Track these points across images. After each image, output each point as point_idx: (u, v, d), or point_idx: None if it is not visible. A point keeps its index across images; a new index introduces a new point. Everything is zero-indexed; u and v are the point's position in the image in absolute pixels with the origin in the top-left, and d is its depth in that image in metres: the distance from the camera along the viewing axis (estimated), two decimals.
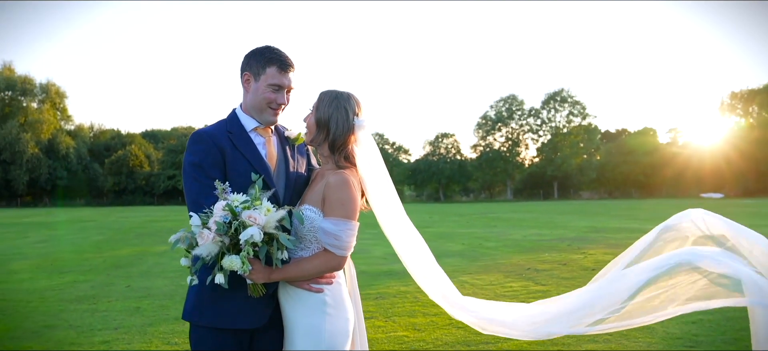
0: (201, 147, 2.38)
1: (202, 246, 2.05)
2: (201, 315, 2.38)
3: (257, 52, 2.48)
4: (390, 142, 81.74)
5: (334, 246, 2.33)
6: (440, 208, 50.22)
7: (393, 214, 2.54)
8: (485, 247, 14.76)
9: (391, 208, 2.53)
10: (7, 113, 65.19)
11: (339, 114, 2.42)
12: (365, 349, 2.59)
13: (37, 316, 7.17)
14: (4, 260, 13.02)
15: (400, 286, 9.07)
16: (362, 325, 2.59)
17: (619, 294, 2.47)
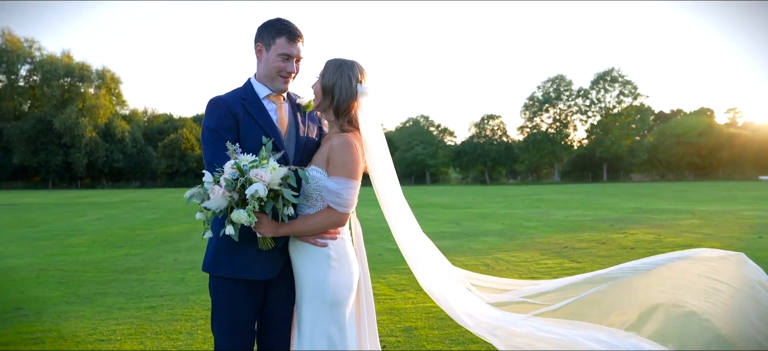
0: (217, 112, 2.58)
1: (213, 200, 2.26)
2: (218, 266, 2.60)
3: (268, 24, 2.66)
4: (435, 124, 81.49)
5: (336, 203, 2.50)
6: (484, 189, 49.93)
7: (385, 178, 2.69)
8: (525, 227, 14.72)
9: (388, 173, 2.68)
10: (67, 99, 68.01)
11: (343, 81, 2.58)
12: (371, 303, 2.75)
13: (91, 284, 7.65)
14: (64, 236, 13.78)
15: None
16: (368, 281, 2.75)
17: None
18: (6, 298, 6.85)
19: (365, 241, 8.18)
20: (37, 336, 5.17)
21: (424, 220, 17.38)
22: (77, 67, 68.98)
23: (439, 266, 2.81)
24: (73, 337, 5.14)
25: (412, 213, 2.89)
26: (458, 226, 15.19)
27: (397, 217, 2.72)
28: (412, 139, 76.40)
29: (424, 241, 2.82)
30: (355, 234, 2.78)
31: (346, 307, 2.55)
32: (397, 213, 2.72)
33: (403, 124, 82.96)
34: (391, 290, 7.09)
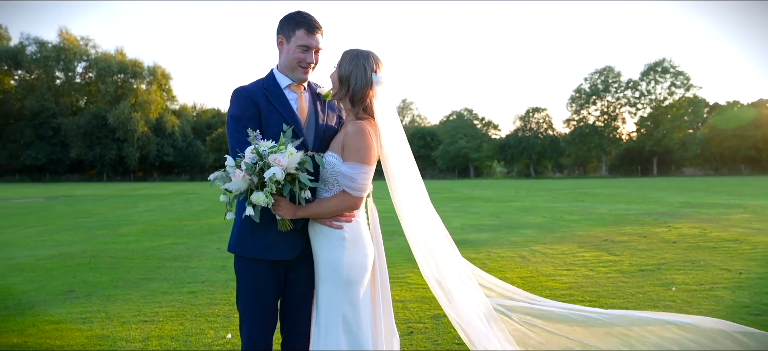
0: (240, 101, 2.73)
1: (234, 182, 2.41)
2: (242, 247, 2.76)
3: (289, 17, 2.79)
4: (479, 118, 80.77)
5: (350, 187, 2.62)
6: (529, 183, 49.30)
7: (401, 165, 2.76)
8: (566, 220, 14.55)
9: (400, 159, 2.76)
10: (120, 95, 70.41)
11: (358, 70, 2.69)
12: (386, 285, 2.85)
13: (138, 270, 8.01)
14: (116, 225, 14.39)
15: (470, 253, 9.25)
16: (383, 264, 2.85)
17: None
18: (60, 281, 7.26)
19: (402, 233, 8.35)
20: (86, 316, 5.49)
21: (465, 213, 17.38)
22: (130, 64, 71.27)
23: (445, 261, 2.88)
24: (119, 317, 5.43)
25: (432, 204, 2.95)
26: (498, 219, 15.13)
27: (407, 205, 2.80)
28: (456, 133, 75.95)
29: (435, 235, 2.88)
30: (372, 219, 2.89)
31: (360, 287, 2.66)
32: (406, 201, 2.80)
33: (447, 117, 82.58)
34: (423, 280, 7.17)
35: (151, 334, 4.86)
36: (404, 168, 2.79)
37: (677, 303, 5.75)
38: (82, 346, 4.58)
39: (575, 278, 7.12)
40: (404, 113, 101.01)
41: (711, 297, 5.99)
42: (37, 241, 11.29)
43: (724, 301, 5.84)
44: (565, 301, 5.89)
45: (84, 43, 71.58)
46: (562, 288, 6.56)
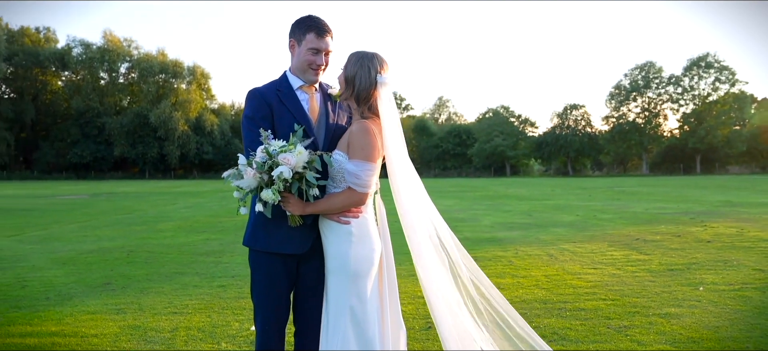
0: (253, 102, 2.87)
1: (245, 180, 2.55)
2: (256, 241, 2.90)
3: (300, 21, 2.91)
4: (515, 115, 79.88)
5: (355, 184, 2.73)
6: (565, 181, 48.59)
7: (399, 163, 2.84)
8: (598, 219, 14.36)
9: (398, 157, 2.84)
10: (161, 94, 72.18)
11: (363, 71, 2.79)
12: (393, 279, 2.94)
13: (172, 264, 8.29)
14: (155, 222, 14.85)
15: (497, 251, 9.27)
16: (391, 258, 2.93)
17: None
18: (98, 274, 7.57)
19: None
20: (120, 307, 5.75)
21: (496, 211, 17.31)
22: (171, 64, 72.99)
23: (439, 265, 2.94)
24: (150, 308, 5.67)
25: (432, 203, 3.02)
26: (530, 218, 15.03)
27: (405, 203, 2.88)
28: (492, 131, 75.32)
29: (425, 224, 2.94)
30: (379, 215, 2.98)
31: (367, 280, 2.76)
32: (406, 199, 2.87)
33: (483, 115, 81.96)
34: None
35: (179, 326, 5.06)
36: (405, 167, 2.87)
37: (703, 303, 5.68)
38: (115, 335, 4.80)
39: (601, 277, 7.07)
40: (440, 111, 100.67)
41: (739, 297, 5.89)
42: (80, 236, 11.75)
43: (752, 301, 5.74)
44: (588, 299, 5.90)
45: (127, 44, 73.61)
46: (586, 286, 6.53)
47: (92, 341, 4.64)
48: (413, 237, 2.88)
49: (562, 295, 6.13)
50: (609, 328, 4.90)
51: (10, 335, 4.83)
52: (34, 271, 7.87)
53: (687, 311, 5.38)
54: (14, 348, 4.51)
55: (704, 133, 68.30)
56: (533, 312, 5.46)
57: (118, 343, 4.61)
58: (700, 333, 4.73)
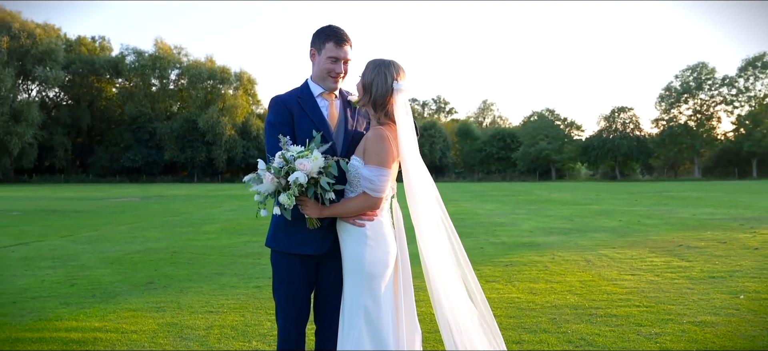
0: (275, 109, 3.01)
1: (264, 184, 2.68)
2: (276, 242, 3.03)
3: (320, 31, 3.02)
4: (561, 118, 78.51)
5: (369, 189, 2.81)
6: (611, 186, 47.49)
7: (414, 169, 2.90)
8: (642, 224, 14.04)
9: (413, 163, 2.90)
10: (210, 100, 74.05)
11: (379, 78, 2.87)
12: (409, 281, 3.00)
13: (212, 265, 8.56)
14: (200, 224, 15.30)
15: (533, 256, 9.20)
16: (406, 262, 2.99)
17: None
18: (142, 273, 7.89)
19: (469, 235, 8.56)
20: (160, 305, 5.99)
21: (537, 215, 17.12)
22: (219, 71, 74.84)
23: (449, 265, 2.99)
24: (188, 307, 5.89)
25: (444, 208, 3.07)
26: (571, 223, 14.81)
27: (419, 207, 2.93)
28: (537, 134, 74.29)
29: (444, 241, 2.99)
30: (396, 219, 3.05)
31: (381, 281, 2.84)
32: (420, 204, 2.93)
33: (528, 118, 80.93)
34: (480, 281, 7.18)
35: (213, 324, 5.25)
36: (419, 172, 2.94)
37: (741, 311, 5.53)
38: (153, 331, 5.03)
39: (638, 283, 6.95)
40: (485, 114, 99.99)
41: None
42: (128, 237, 12.22)
43: None
44: (621, 305, 5.82)
45: (177, 52, 75.85)
46: (622, 293, 6.43)
47: (131, 337, 4.87)
48: (427, 240, 2.94)
49: (595, 301, 6.06)
50: (639, 335, 4.83)
51: (57, 330, 5.11)
52: (83, 269, 8.25)
53: (723, 320, 5.25)
54: (60, 341, 4.77)
55: (760, 135, 65.54)
56: (563, 317, 5.42)
57: (156, 339, 4.82)
58: (734, 342, 4.62)
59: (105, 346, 4.65)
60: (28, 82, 69.76)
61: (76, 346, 4.63)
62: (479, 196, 30.97)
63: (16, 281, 7.41)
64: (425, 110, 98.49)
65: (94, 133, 76.28)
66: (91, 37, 78.33)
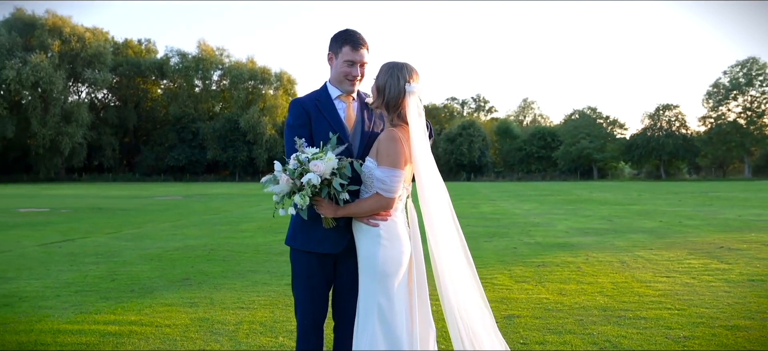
0: (294, 111, 3.11)
1: (279, 185, 2.77)
2: (295, 241, 3.13)
3: (337, 35, 3.11)
4: (603, 116, 76.87)
5: (382, 189, 2.87)
6: (655, 186, 46.27)
7: (425, 171, 2.95)
8: (683, 225, 13.69)
9: (425, 165, 2.95)
10: (251, 100, 75.35)
11: (392, 80, 2.93)
12: (423, 281, 3.04)
13: (247, 262, 8.76)
14: (238, 222, 15.63)
15: (566, 257, 9.10)
16: (421, 261, 3.03)
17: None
18: (179, 270, 8.14)
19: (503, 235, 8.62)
20: (194, 301, 6.19)
21: (574, 216, 16.87)
22: (259, 71, 76.09)
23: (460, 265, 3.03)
24: (221, 303, 6.07)
25: (453, 209, 3.10)
26: (609, 223, 14.56)
27: (431, 208, 2.97)
28: (578, 133, 72.93)
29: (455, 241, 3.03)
30: (411, 219, 3.11)
31: (394, 280, 2.90)
32: (431, 204, 2.97)
33: (569, 116, 79.53)
34: (510, 281, 7.23)
35: (243, 320, 5.40)
36: (431, 174, 2.98)
37: None
38: (185, 326, 5.21)
39: (672, 286, 6.81)
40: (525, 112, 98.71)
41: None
42: (169, 235, 12.59)
43: None
44: (652, 308, 5.73)
45: (219, 53, 77.42)
46: (654, 295, 6.32)
47: (164, 331, 5.06)
48: (439, 240, 2.98)
49: (625, 303, 5.98)
50: (667, 338, 4.76)
51: (96, 322, 5.34)
52: (124, 265, 8.57)
53: (757, 324, 5.11)
54: (98, 333, 4.99)
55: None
56: (590, 319, 5.37)
57: (187, 333, 4.99)
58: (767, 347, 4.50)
59: (139, 338, 4.84)
60: (78, 84, 72.35)
61: (113, 339, 4.84)
62: (517, 195, 30.66)
63: (61, 276, 7.74)
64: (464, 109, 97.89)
65: (140, 133, 78.56)
66: (137, 40, 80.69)
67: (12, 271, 8.13)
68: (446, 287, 2.95)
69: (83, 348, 4.62)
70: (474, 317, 2.98)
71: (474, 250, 9.90)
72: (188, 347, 4.63)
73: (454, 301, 2.94)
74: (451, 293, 2.95)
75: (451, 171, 74.12)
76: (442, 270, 2.96)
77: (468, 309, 2.97)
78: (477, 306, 3.03)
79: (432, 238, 2.98)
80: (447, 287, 2.95)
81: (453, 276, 2.97)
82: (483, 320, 3.03)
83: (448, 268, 2.96)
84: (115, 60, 72.85)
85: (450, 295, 2.95)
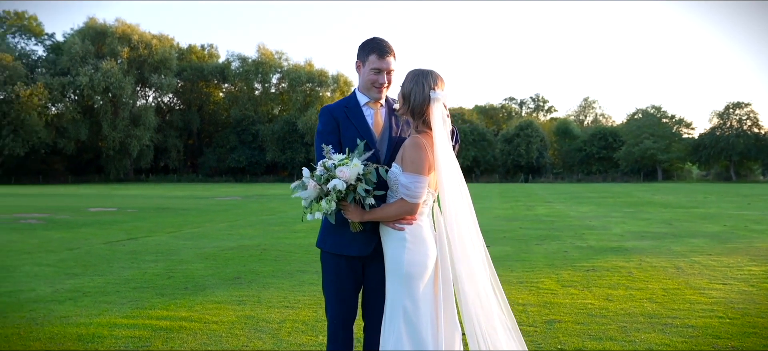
0: (323, 118, 3.22)
1: (307, 191, 2.89)
2: (325, 243, 3.24)
3: (364, 44, 3.20)
4: (668, 115, 73.91)
5: (406, 195, 2.94)
6: (724, 188, 44.17)
7: (448, 177, 2.98)
8: (749, 230, 13.08)
9: (447, 171, 2.98)
10: (308, 102, 76.64)
11: (417, 87, 2.99)
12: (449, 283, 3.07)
13: (296, 263, 8.99)
14: (292, 223, 16.00)
15: (619, 261, 8.88)
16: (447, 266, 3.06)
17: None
18: (232, 268, 8.44)
19: (555, 238, 8.60)
20: (242, 299, 6.42)
21: (632, 219, 16.38)
22: (317, 74, 77.34)
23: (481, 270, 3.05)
24: (267, 302, 6.27)
25: (475, 215, 3.12)
26: (668, 227, 14.06)
27: (452, 214, 3.00)
28: (641, 132, 70.38)
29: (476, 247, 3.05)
30: (437, 223, 3.16)
31: (419, 283, 2.96)
32: (451, 210, 3.00)
33: (631, 115, 76.90)
34: (557, 285, 7.13)
35: (287, 318, 5.58)
36: (454, 180, 3.02)
37: None
38: (231, 323, 5.42)
39: (727, 293, 6.56)
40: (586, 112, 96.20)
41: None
42: (225, 234, 13.03)
43: None
44: (701, 316, 5.55)
45: (278, 57, 79.14)
46: (706, 303, 6.11)
47: (212, 327, 5.29)
48: (460, 247, 3.01)
49: (674, 311, 5.80)
50: (714, 348, 4.61)
51: (149, 317, 5.63)
52: (181, 263, 8.95)
53: None
54: (150, 328, 5.27)
55: None
56: (634, 325, 5.26)
57: (233, 330, 5.20)
58: None
59: (187, 334, 5.08)
60: (145, 89, 75.49)
61: (163, 333, 5.10)
62: (574, 197, 29.96)
63: (122, 272, 8.17)
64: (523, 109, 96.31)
65: (203, 135, 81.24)
66: (200, 46, 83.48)
67: (79, 267, 8.64)
68: (467, 292, 2.98)
69: (135, 341, 4.89)
70: (494, 325, 3.01)
71: (523, 254, 9.81)
72: (232, 344, 4.82)
73: (471, 305, 2.97)
74: (469, 297, 2.98)
75: (508, 172, 73.00)
76: (462, 275, 2.99)
77: (486, 315, 3.00)
78: (496, 311, 3.05)
79: (453, 244, 3.02)
80: (468, 292, 2.98)
81: (475, 280, 3.01)
82: (503, 328, 3.05)
83: (468, 274, 3.00)
84: (179, 65, 75.60)
85: (468, 299, 2.98)
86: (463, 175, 3.11)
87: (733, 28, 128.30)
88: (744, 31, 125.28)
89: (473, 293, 2.99)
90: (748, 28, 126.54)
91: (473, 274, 3.01)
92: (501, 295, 3.14)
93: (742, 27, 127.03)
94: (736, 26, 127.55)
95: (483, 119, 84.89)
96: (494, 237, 12.18)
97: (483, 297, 3.02)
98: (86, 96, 65.51)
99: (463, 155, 72.48)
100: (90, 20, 70.19)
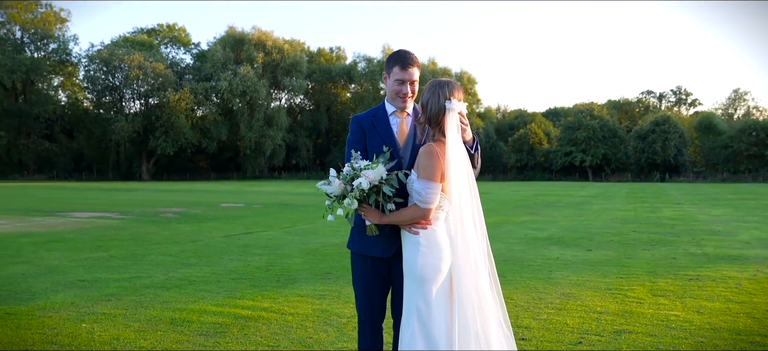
0: (353, 127, 3.46)
1: (331, 187, 3.14)
2: (352, 244, 3.46)
3: (390, 57, 3.37)
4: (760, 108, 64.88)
5: (419, 200, 3.06)
6: None
7: (458, 183, 3.05)
8: None
9: (458, 177, 3.06)
10: None
11: (433, 98, 3.12)
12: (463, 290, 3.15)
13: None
14: None
15: (730, 271, 8.21)
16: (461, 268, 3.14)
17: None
18: (326, 264, 8.88)
19: (669, 243, 8.35)
20: (323, 293, 6.78)
21: (761, 228, 14.85)
22: (440, 72, 77.53)
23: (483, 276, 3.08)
24: (345, 297, 6.56)
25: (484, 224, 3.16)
26: None
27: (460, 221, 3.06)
28: None
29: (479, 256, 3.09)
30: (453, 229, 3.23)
31: (433, 285, 3.06)
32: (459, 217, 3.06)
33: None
34: (647, 294, 6.77)
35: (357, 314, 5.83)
36: (464, 188, 3.08)
37: None
38: (305, 315, 5.80)
39: None
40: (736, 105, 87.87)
41: None
42: (333, 231, 13.62)
43: None
44: None
45: None
46: None
47: (287, 318, 5.69)
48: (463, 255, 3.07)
49: None
50: None
51: (236, 306, 6.16)
52: (282, 258, 9.58)
53: None
54: (233, 316, 5.78)
55: None
56: (712, 342, 4.91)
57: (304, 322, 5.57)
58: None
59: (263, 323, 5.52)
60: (278, 91, 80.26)
61: (242, 321, 5.58)
62: (710, 199, 27.60)
63: (229, 264, 8.92)
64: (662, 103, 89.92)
65: (331, 134, 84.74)
66: (328, 48, 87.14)
67: (194, 258, 9.55)
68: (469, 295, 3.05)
69: (216, 327, 5.40)
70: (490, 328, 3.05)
71: (626, 259, 9.32)
72: (300, 335, 5.18)
73: (468, 308, 3.02)
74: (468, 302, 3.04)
75: (642, 171, 68.53)
76: (465, 279, 3.06)
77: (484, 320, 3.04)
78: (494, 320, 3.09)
79: (458, 249, 3.09)
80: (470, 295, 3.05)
81: (477, 285, 3.06)
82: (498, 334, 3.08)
83: (470, 278, 3.06)
84: (309, 67, 79.48)
85: (465, 303, 3.03)
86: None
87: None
88: None
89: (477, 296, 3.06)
90: None
91: (476, 278, 3.08)
92: (500, 300, 3.17)
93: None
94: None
95: (616, 114, 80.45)
96: (600, 240, 11.67)
97: (484, 301, 3.07)
98: (226, 99, 70.93)
99: (591, 153, 69.20)
100: (230, 29, 75.97)
